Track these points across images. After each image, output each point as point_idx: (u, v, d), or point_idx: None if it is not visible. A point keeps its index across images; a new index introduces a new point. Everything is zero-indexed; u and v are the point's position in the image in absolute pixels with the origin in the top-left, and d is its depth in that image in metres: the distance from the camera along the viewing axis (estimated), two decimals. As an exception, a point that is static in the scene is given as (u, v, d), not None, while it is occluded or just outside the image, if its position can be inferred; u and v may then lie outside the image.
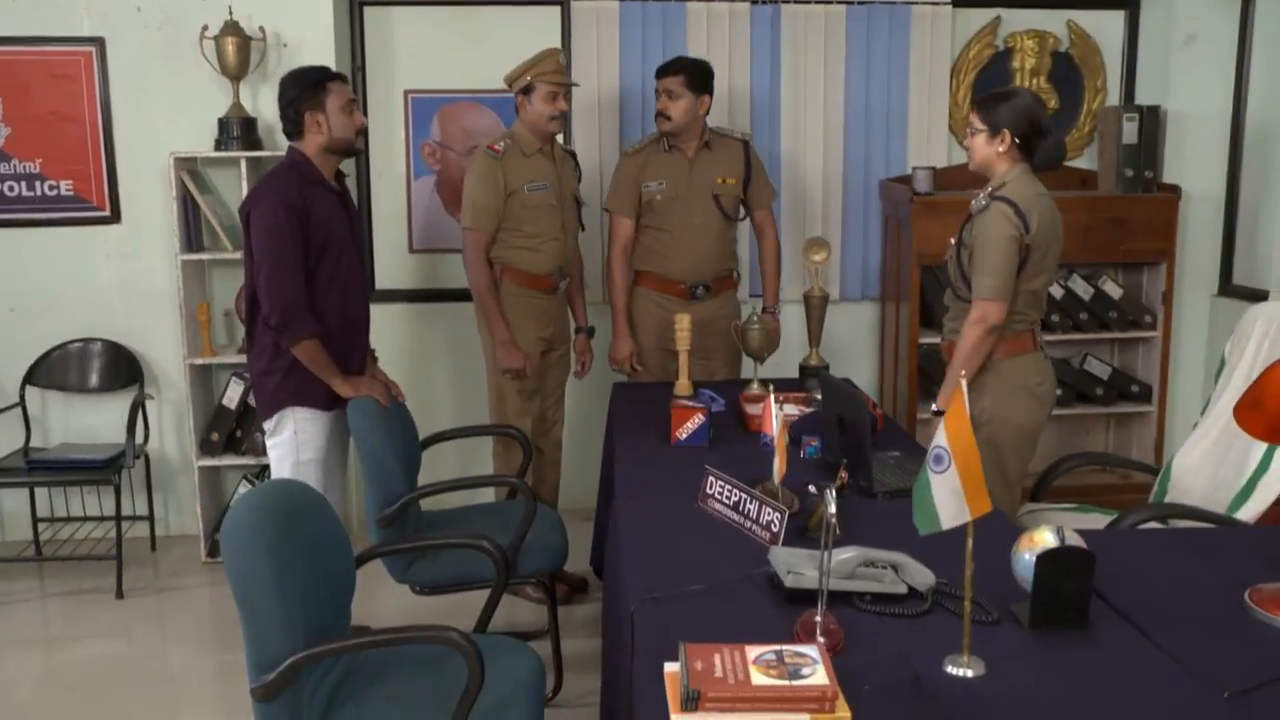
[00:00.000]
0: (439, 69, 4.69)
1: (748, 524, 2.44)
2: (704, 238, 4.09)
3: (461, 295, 4.76)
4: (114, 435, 4.35)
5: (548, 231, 3.97)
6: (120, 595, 4.06)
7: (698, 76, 4.00)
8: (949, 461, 1.75)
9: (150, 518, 4.51)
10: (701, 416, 3.13)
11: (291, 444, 3.36)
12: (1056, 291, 4.60)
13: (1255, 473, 2.84)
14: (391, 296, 4.77)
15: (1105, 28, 4.86)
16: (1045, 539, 1.98)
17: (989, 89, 4.80)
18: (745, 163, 4.17)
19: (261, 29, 4.32)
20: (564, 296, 4.16)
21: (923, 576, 2.08)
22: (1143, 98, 4.78)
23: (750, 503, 2.44)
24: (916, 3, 4.69)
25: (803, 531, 2.40)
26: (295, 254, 3.19)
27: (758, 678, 1.61)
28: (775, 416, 2.66)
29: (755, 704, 1.58)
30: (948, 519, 1.77)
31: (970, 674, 1.80)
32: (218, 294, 4.52)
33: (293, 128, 3.32)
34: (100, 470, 4.11)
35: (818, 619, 1.92)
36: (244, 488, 4.35)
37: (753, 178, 4.19)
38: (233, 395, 4.33)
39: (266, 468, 4.36)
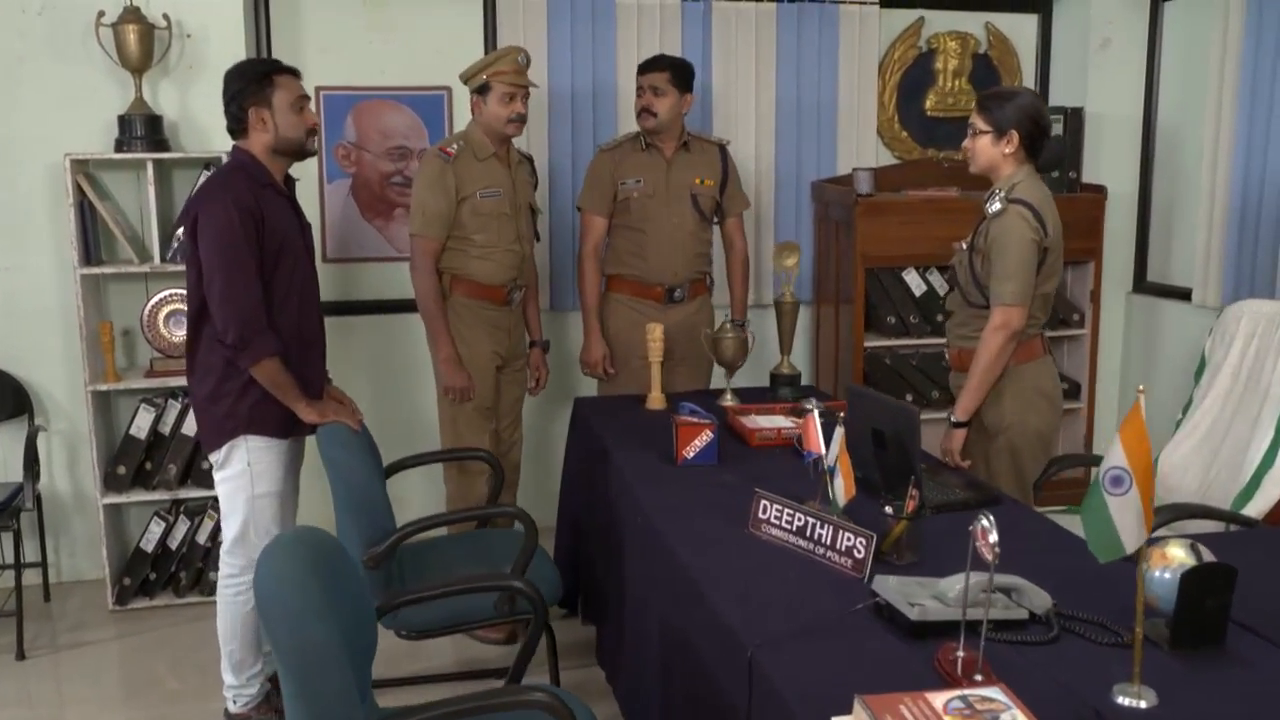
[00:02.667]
0: (353, 64, 4.33)
1: (819, 550, 2.26)
2: (680, 238, 3.92)
3: (381, 307, 4.46)
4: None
5: (501, 241, 3.69)
6: (21, 656, 3.56)
7: (682, 74, 3.83)
8: (1130, 483, 1.62)
9: (43, 564, 3.97)
10: (710, 433, 2.94)
11: (245, 477, 3.00)
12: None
13: (1260, 468, 2.87)
14: (305, 309, 4.38)
15: (1021, 30, 4.91)
16: (1179, 555, 1.88)
17: (913, 90, 4.85)
18: (723, 167, 4.02)
19: (166, 16, 3.85)
20: (519, 309, 3.86)
21: (1040, 599, 1.96)
22: (1057, 99, 4.85)
23: (822, 527, 2.27)
24: (845, 2, 4.61)
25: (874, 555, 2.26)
26: (251, 262, 2.86)
27: None
28: (819, 433, 2.52)
29: None
30: (1130, 543, 1.63)
31: (1144, 704, 1.67)
32: (116, 312, 4.03)
33: (236, 125, 3.00)
34: (-8, 514, 3.59)
35: (959, 654, 1.78)
36: (157, 525, 3.89)
37: (729, 184, 4.03)
38: (142, 424, 3.86)
39: (180, 503, 3.95)
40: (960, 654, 1.78)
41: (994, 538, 1.68)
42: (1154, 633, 1.90)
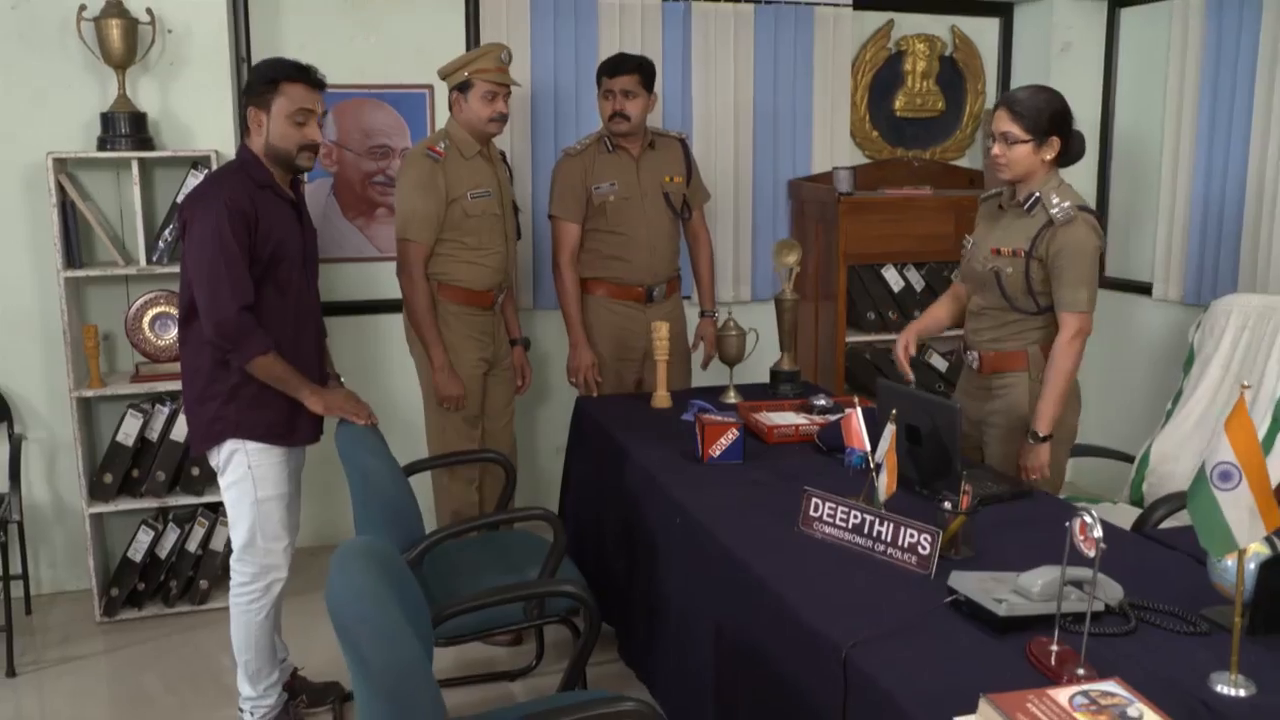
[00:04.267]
0: (334, 62, 4.16)
1: (879, 547, 2.26)
2: (658, 237, 3.87)
3: (363, 308, 4.35)
4: (-24, 484, 3.62)
5: (491, 243, 3.60)
6: (12, 673, 3.38)
7: (650, 74, 3.76)
8: (1240, 478, 1.64)
9: (25, 576, 3.78)
10: (735, 432, 2.92)
11: (248, 481, 2.90)
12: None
13: (1261, 456, 2.94)
14: (286, 311, 4.25)
15: (984, 34, 4.99)
16: (1254, 545, 1.92)
17: (883, 91, 4.89)
18: (686, 162, 3.99)
19: (150, 11, 3.68)
20: (500, 312, 3.78)
21: (1113, 591, 1.97)
22: (1018, 101, 4.94)
23: (882, 524, 2.26)
24: (820, 4, 4.63)
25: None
26: (240, 263, 2.72)
27: None
28: (864, 430, 2.52)
29: None
30: (1243, 537, 1.65)
31: (1243, 693, 1.70)
32: (96, 316, 3.84)
33: (242, 123, 2.92)
34: (-25, 527, 3.40)
35: (1053, 648, 1.80)
36: (145, 534, 3.73)
37: (692, 177, 4.02)
38: (129, 431, 3.68)
39: (168, 511, 3.80)
40: (1055, 648, 1.79)
41: (1098, 533, 1.68)
42: (1227, 620, 1.93)
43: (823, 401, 3.33)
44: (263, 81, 2.82)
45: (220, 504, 3.73)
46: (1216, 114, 4.19)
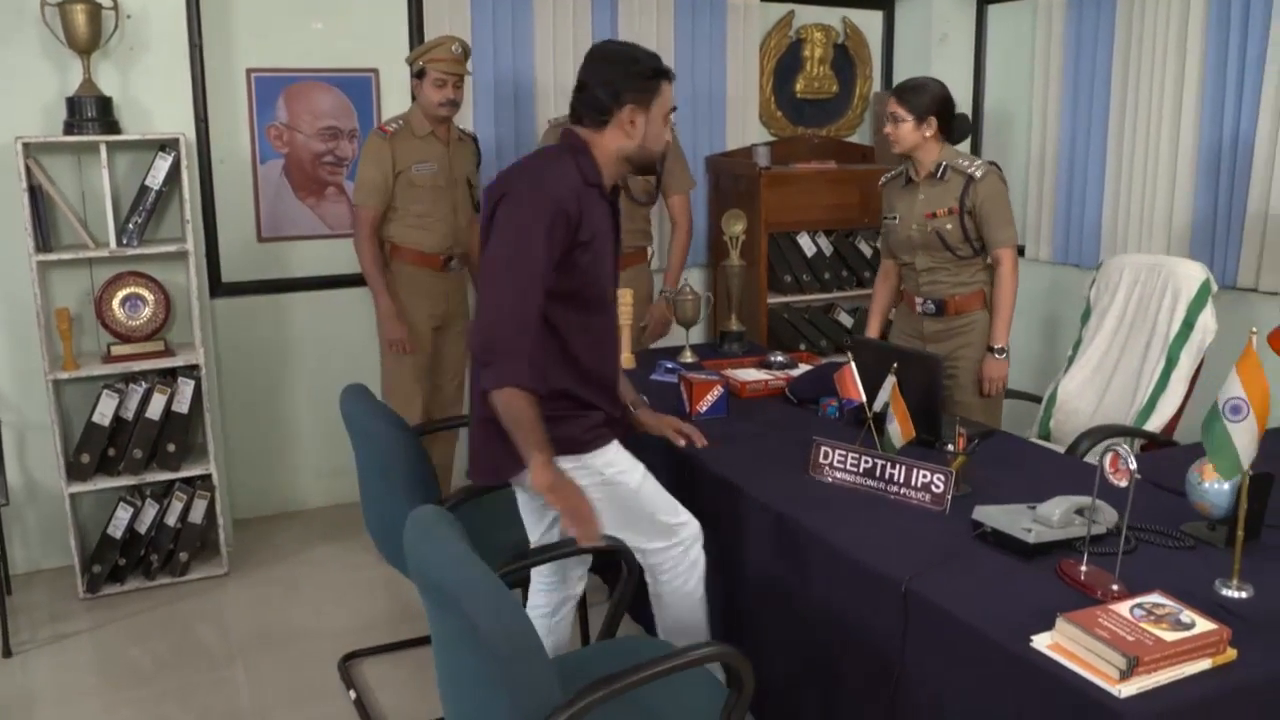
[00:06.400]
0: (284, 46, 4.19)
1: (893, 489, 2.47)
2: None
3: (316, 284, 4.39)
4: (-49, 470, 3.52)
5: (435, 212, 3.88)
6: (8, 653, 3.35)
7: None
8: (1247, 411, 1.89)
9: (3, 557, 3.70)
10: (720, 389, 3.16)
11: (612, 485, 2.46)
12: (867, 249, 5.06)
13: (1154, 391, 3.39)
14: (240, 289, 4.25)
15: (872, 25, 5.36)
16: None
17: (786, 74, 5.20)
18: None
19: (112, -4, 3.63)
20: (458, 275, 4.05)
21: (1110, 515, 2.17)
22: (901, 84, 5.35)
23: (894, 468, 2.50)
24: (731, -6, 4.90)
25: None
26: (540, 269, 2.25)
27: (1164, 634, 1.68)
28: (858, 382, 2.78)
29: (1177, 658, 1.65)
30: (1246, 461, 1.92)
31: (1245, 595, 1.91)
32: (61, 299, 3.75)
33: (598, 115, 2.38)
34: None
35: (1083, 568, 1.99)
36: (124, 511, 3.71)
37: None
38: (105, 411, 3.65)
39: (146, 487, 3.78)
40: (1084, 569, 1.99)
41: (1133, 465, 1.89)
42: (1203, 535, 2.19)
43: (780, 358, 3.62)
44: (643, 77, 2.39)
45: (198, 476, 3.79)
46: (1078, 99, 4.67)
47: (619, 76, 2.36)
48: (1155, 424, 3.37)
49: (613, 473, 2.41)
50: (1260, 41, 3.88)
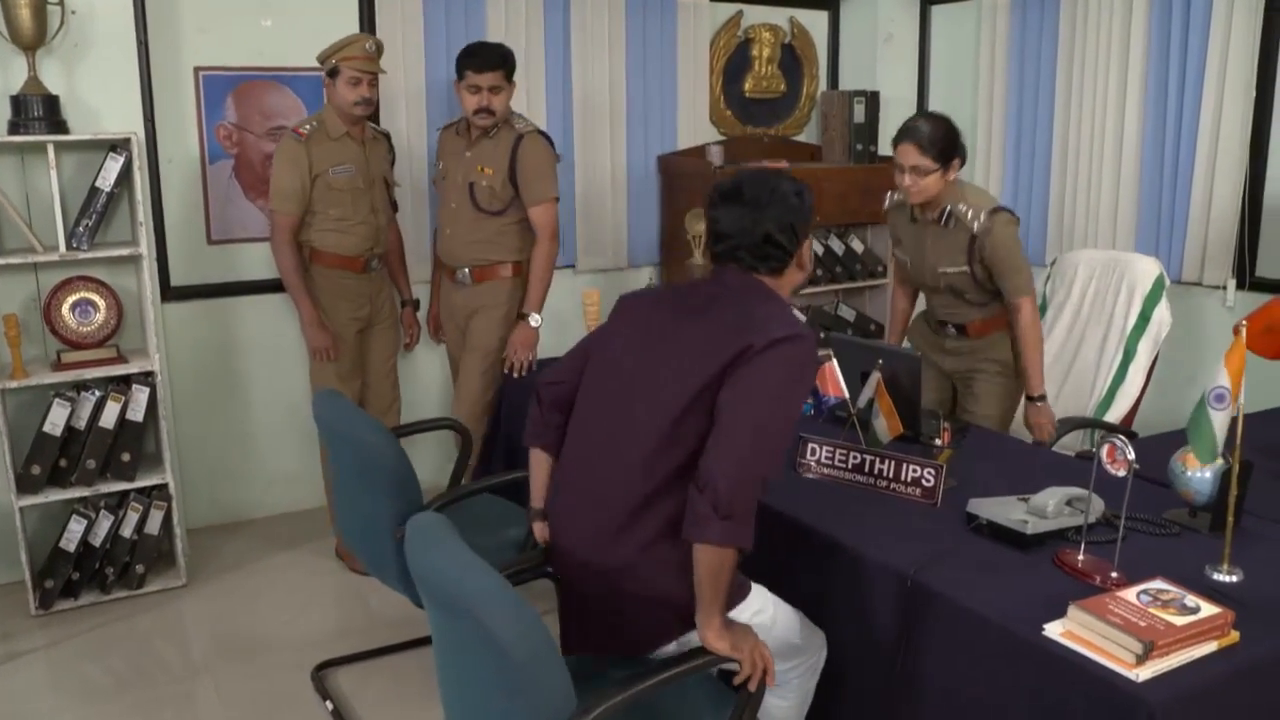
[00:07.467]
0: (232, 44, 4.06)
1: (881, 484, 2.49)
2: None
3: (265, 287, 4.27)
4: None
5: (354, 214, 3.79)
6: (-39, 674, 3.20)
7: (512, 66, 3.80)
8: (1228, 400, 1.98)
9: (-52, 576, 3.54)
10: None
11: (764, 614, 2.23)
12: (819, 248, 5.09)
13: (1113, 384, 3.47)
14: (190, 293, 4.11)
15: (818, 25, 5.39)
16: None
17: (735, 74, 5.20)
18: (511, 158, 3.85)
19: (58, -9, 3.47)
20: (380, 276, 3.98)
21: (1099, 505, 2.21)
22: (847, 85, 5.39)
23: (882, 463, 2.51)
24: (680, -7, 4.89)
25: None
26: (791, 434, 2.15)
27: (1172, 618, 1.73)
28: (841, 379, 2.78)
29: (1187, 641, 1.70)
30: (1220, 447, 2.03)
31: (1235, 579, 1.97)
32: (8, 305, 3.58)
33: (777, 258, 2.19)
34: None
35: (1080, 557, 2.04)
36: (77, 523, 3.56)
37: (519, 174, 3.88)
38: (56, 420, 3.49)
39: (98, 498, 3.64)
40: (1081, 558, 2.04)
41: (1130, 455, 1.95)
42: (1185, 522, 2.24)
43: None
44: (809, 215, 2.23)
45: (154, 486, 3.67)
46: (1023, 98, 4.76)
47: (793, 221, 2.18)
48: (1114, 415, 3.45)
49: (752, 615, 2.19)
50: (1201, 40, 3.99)
